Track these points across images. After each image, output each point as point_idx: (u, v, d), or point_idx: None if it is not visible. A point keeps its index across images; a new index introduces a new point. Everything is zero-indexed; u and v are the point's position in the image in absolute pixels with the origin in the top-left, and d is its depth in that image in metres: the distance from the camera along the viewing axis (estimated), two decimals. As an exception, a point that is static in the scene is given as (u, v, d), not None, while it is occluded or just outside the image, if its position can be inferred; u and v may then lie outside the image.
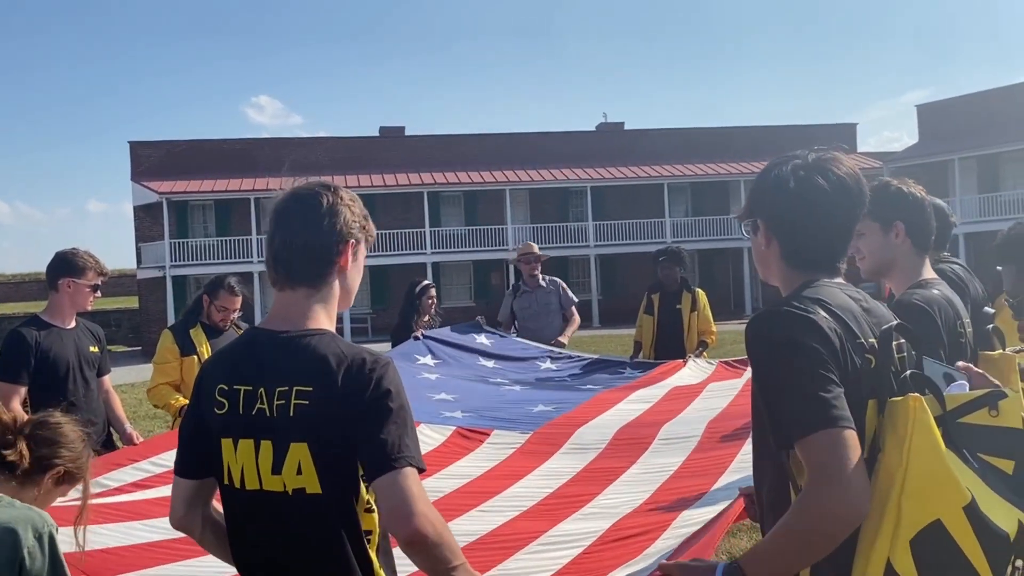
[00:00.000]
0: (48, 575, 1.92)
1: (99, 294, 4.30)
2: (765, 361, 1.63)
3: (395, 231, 31.50)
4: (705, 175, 35.23)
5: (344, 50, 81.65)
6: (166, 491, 2.66)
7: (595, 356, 6.28)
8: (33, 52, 79.08)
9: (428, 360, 4.24)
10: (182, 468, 1.86)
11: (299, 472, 1.69)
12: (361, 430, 1.68)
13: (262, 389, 1.73)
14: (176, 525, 1.89)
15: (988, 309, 2.46)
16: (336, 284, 1.85)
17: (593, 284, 33.74)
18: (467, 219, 34.41)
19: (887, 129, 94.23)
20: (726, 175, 35.22)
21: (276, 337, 1.78)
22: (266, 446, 1.71)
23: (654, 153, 35.83)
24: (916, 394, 1.57)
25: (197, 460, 1.84)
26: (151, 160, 33.39)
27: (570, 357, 4.80)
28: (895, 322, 1.69)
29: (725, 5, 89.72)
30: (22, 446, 2.05)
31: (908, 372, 1.65)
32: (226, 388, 1.75)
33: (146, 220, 32.07)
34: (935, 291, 2.34)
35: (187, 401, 4.67)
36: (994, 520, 1.50)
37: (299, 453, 1.69)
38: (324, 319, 1.82)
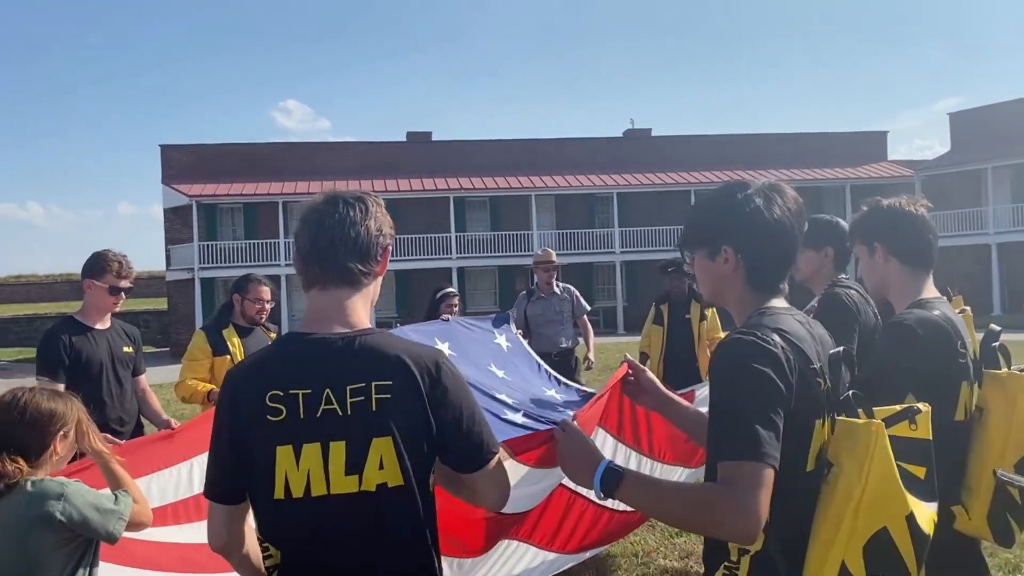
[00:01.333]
0: (86, 515, 2.19)
1: (122, 296, 4.29)
2: (724, 382, 1.72)
3: (421, 236, 31.65)
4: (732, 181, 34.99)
5: (372, 55, 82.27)
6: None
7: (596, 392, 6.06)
8: (66, 60, 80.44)
9: (445, 348, 4.17)
10: (222, 494, 1.78)
11: (381, 467, 1.69)
12: (447, 424, 1.74)
13: (328, 391, 1.69)
14: (220, 550, 1.84)
15: (994, 327, 2.45)
16: (372, 286, 1.86)
17: (618, 291, 33.62)
18: (492, 224, 34.46)
19: (919, 137, 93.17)
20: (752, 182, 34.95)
21: (331, 339, 1.75)
22: (337, 447, 1.68)
23: (681, 159, 35.68)
24: (878, 421, 1.70)
25: (237, 482, 1.75)
26: (181, 164, 33.81)
27: (573, 387, 4.59)
28: (841, 348, 1.83)
29: (754, 11, 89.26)
30: (7, 465, 2.17)
31: (851, 392, 1.76)
32: (281, 394, 1.69)
33: (176, 223, 32.48)
34: (935, 312, 2.36)
35: (213, 387, 4.74)
36: (922, 525, 1.71)
37: (381, 448, 1.69)
38: (368, 319, 1.83)
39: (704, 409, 1.98)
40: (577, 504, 3.26)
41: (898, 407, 1.83)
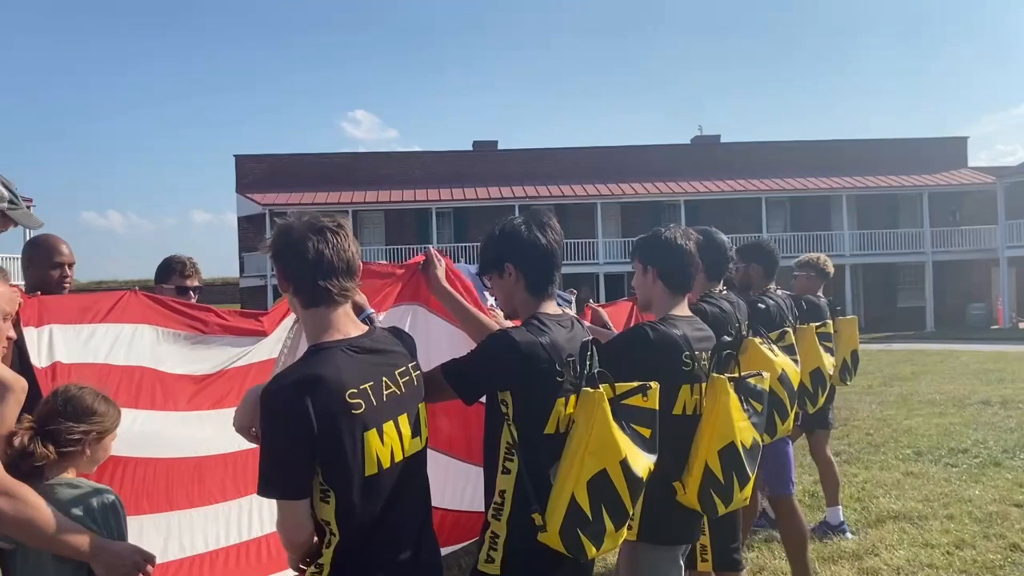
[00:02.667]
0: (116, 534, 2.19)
1: (191, 296, 4.13)
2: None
3: (487, 244, 31.79)
4: (805, 189, 34.22)
5: (438, 66, 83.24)
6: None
7: None
8: (144, 74, 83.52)
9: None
10: (299, 491, 1.96)
11: (426, 425, 2.22)
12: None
13: (384, 378, 2.06)
14: (305, 542, 2.04)
15: (725, 337, 3.01)
16: None
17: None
18: (558, 232, 34.40)
19: (1000, 142, 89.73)
20: (827, 190, 34.12)
21: (362, 339, 2.09)
22: (403, 419, 2.10)
23: (751, 167, 35.07)
24: (599, 391, 2.31)
25: (307, 478, 1.96)
26: (255, 173, 34.74)
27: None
28: (587, 340, 2.47)
29: (826, 15, 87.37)
30: (38, 448, 2.18)
31: (596, 370, 2.39)
32: (355, 391, 1.97)
33: (249, 231, 33.35)
34: (674, 329, 2.85)
35: None
36: (635, 469, 2.33)
37: (423, 411, 2.21)
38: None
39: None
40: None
41: (635, 383, 2.44)
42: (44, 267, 3.27)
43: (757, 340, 3.45)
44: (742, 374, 2.91)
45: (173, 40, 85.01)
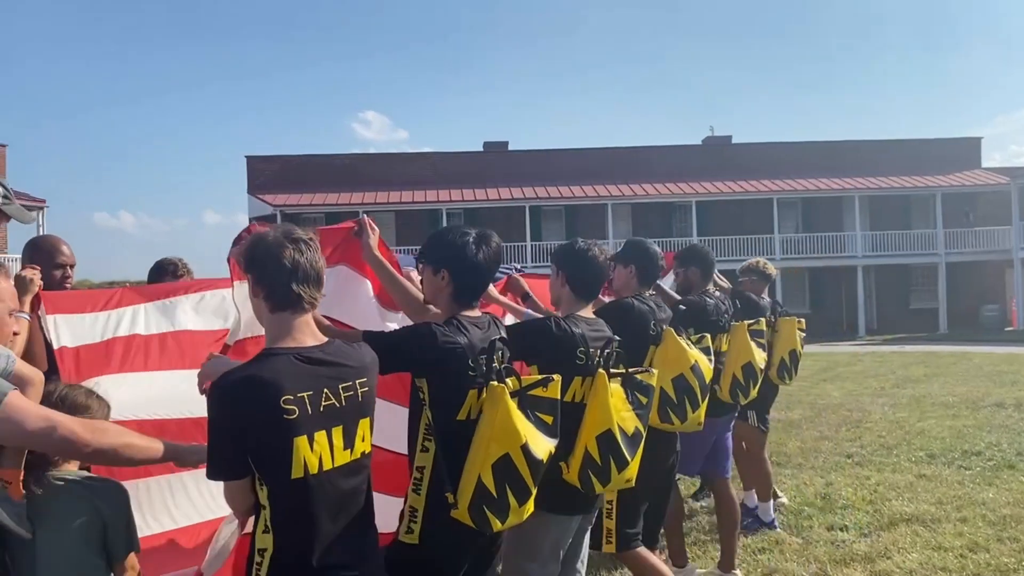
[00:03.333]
0: (124, 531, 2.38)
1: None
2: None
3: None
4: (817, 190, 34.08)
5: (448, 66, 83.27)
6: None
7: None
8: (154, 74, 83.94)
9: None
10: (235, 475, 2.13)
11: (363, 439, 2.26)
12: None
13: (326, 389, 2.14)
14: (246, 512, 2.23)
15: (614, 339, 3.40)
16: None
17: (696, 301, 33.09)
18: (568, 233, 34.31)
19: (1014, 143, 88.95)
20: (839, 190, 33.97)
21: (313, 350, 2.18)
22: (337, 431, 2.16)
23: (763, 168, 34.94)
24: (500, 385, 2.56)
25: (242, 464, 2.10)
26: (266, 174, 34.87)
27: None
28: (494, 339, 2.68)
29: (837, 15, 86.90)
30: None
31: (504, 367, 2.66)
32: (291, 398, 2.06)
33: (261, 232, 33.48)
34: (575, 327, 3.17)
35: None
36: (536, 452, 2.59)
37: (363, 427, 2.27)
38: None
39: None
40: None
41: (539, 376, 2.74)
42: (46, 267, 3.34)
43: (675, 334, 3.82)
44: (630, 370, 3.22)
45: (184, 42, 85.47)
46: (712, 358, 4.07)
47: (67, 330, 3.02)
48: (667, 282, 5.27)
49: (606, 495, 3.61)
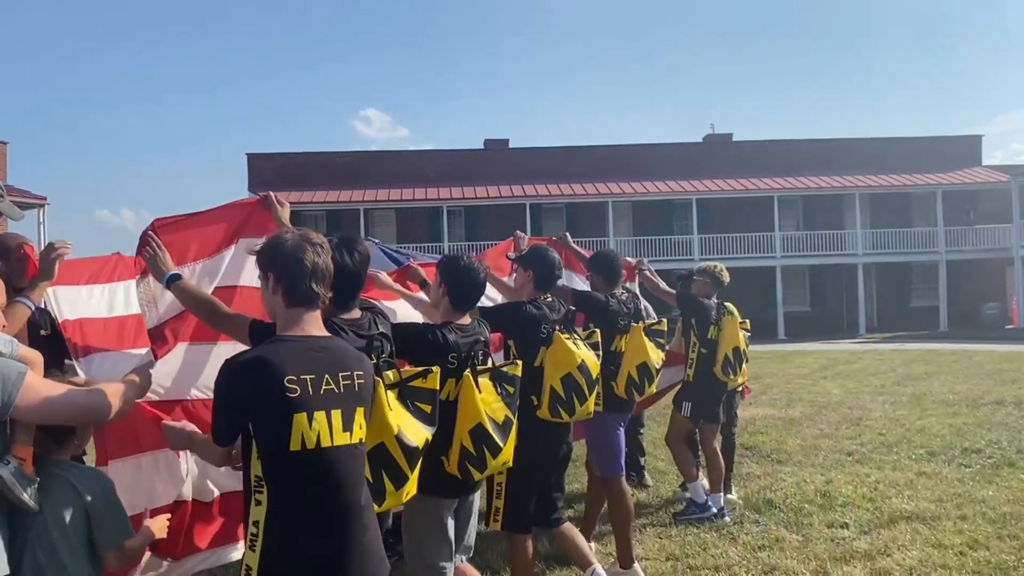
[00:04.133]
0: (109, 517, 2.50)
1: None
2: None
3: (497, 242, 31.67)
4: (818, 188, 34.05)
5: (448, 64, 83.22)
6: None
7: None
8: (154, 70, 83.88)
9: None
10: (223, 441, 2.41)
11: (361, 427, 2.45)
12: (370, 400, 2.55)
13: (326, 375, 2.36)
14: (218, 463, 2.61)
15: (541, 332, 4.10)
16: None
17: (697, 299, 33.04)
18: (568, 231, 34.24)
19: (1015, 141, 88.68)
20: (840, 188, 33.94)
21: (319, 340, 2.45)
22: (336, 413, 2.36)
23: (763, 165, 34.92)
24: (381, 380, 2.72)
25: (233, 434, 2.39)
26: (267, 172, 34.85)
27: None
28: (376, 333, 3.01)
29: (838, 12, 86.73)
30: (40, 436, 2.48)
31: (383, 360, 2.96)
32: (294, 378, 2.29)
33: (262, 229, 33.46)
34: (449, 335, 3.46)
35: None
36: (410, 440, 2.80)
37: (359, 414, 2.45)
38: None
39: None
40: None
41: (419, 368, 2.98)
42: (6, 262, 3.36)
43: (564, 335, 4.14)
44: (495, 365, 3.55)
45: (184, 39, 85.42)
46: (600, 354, 4.41)
47: (66, 302, 3.13)
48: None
49: (496, 477, 4.02)
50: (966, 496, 6.63)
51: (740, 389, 7.12)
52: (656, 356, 5.05)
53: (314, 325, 2.47)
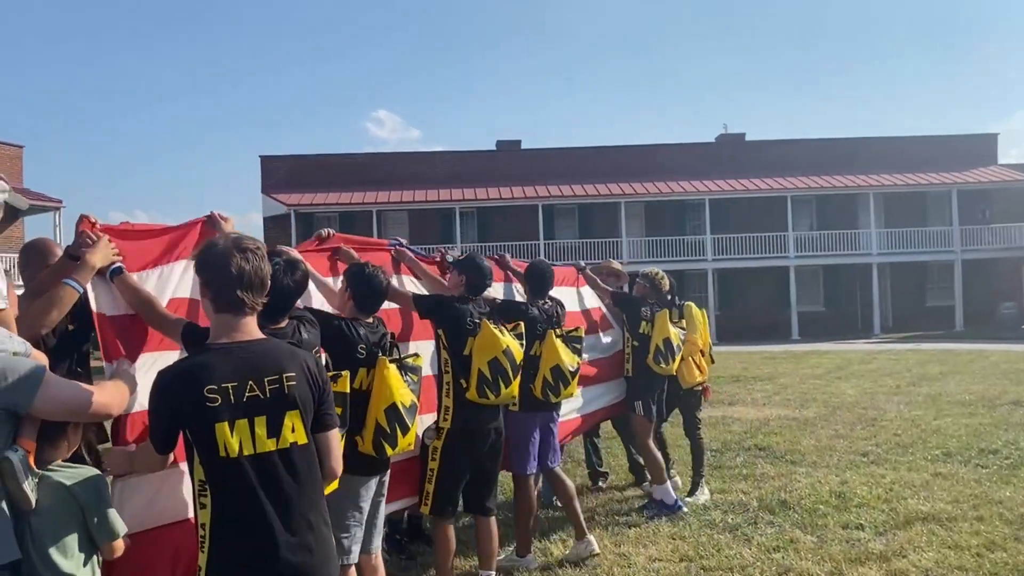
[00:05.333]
0: (103, 518, 2.55)
1: None
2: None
3: (509, 243, 31.74)
4: (832, 188, 33.87)
5: (461, 64, 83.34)
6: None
7: None
8: (170, 76, 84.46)
9: None
10: (160, 448, 2.51)
11: (293, 431, 2.44)
12: (321, 402, 2.56)
13: (251, 381, 2.39)
14: (151, 470, 2.83)
15: (467, 325, 4.55)
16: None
17: (711, 299, 32.95)
18: (581, 232, 34.34)
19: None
20: (854, 188, 33.75)
21: (250, 344, 2.46)
22: (260, 420, 2.39)
23: (777, 165, 34.78)
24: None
25: (169, 441, 2.48)
26: (280, 173, 35.00)
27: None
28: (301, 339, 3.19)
29: (852, 10, 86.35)
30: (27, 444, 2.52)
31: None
32: (215, 387, 2.34)
33: (275, 230, 33.56)
34: (356, 329, 3.81)
35: None
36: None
37: (292, 418, 2.45)
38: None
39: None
40: None
41: (330, 373, 2.99)
42: (39, 269, 3.36)
43: (490, 323, 4.53)
44: (401, 356, 3.90)
45: (197, 40, 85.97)
46: (523, 343, 4.81)
47: (105, 296, 3.14)
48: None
49: (429, 463, 4.49)
50: (983, 497, 6.58)
51: (700, 390, 7.23)
52: (570, 359, 5.30)
53: (243, 330, 2.47)
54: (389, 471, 4.05)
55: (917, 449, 8.60)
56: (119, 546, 2.61)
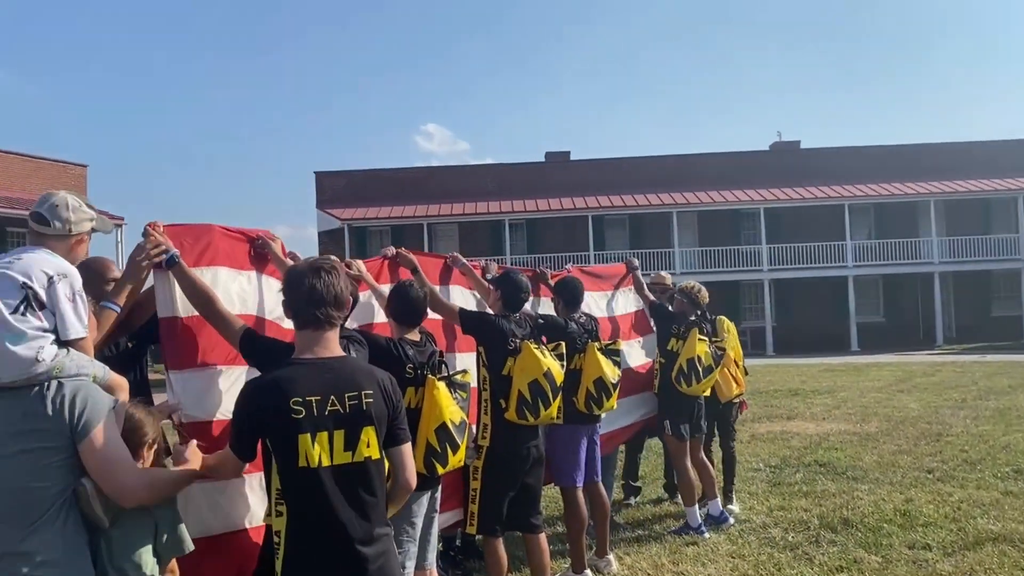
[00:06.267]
0: (173, 534, 2.58)
1: None
2: None
3: (559, 254, 31.69)
4: (891, 195, 33.07)
5: (508, 76, 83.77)
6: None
7: None
8: (230, 97, 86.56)
9: None
10: (240, 453, 2.61)
11: (368, 446, 2.57)
12: (394, 419, 2.69)
13: (332, 396, 2.52)
14: (223, 478, 2.90)
15: (509, 344, 4.60)
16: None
17: (767, 310, 32.40)
18: (632, 242, 34.05)
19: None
20: (914, 195, 32.89)
21: (331, 361, 2.61)
22: (339, 433, 2.51)
23: (833, 173, 34.10)
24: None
25: (249, 448, 2.60)
26: (334, 189, 35.56)
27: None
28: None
29: (908, 13, 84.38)
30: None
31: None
32: (300, 399, 2.47)
33: (330, 244, 34.04)
34: (404, 349, 3.84)
35: None
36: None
37: (368, 433, 2.57)
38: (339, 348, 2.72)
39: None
40: None
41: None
42: (98, 288, 3.44)
43: (532, 345, 4.55)
44: (449, 373, 3.93)
45: (254, 63, 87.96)
46: (565, 364, 4.82)
47: (181, 299, 3.17)
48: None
49: (472, 483, 4.53)
50: (1058, 517, 6.30)
51: (738, 403, 7.16)
52: (612, 372, 5.34)
53: (325, 346, 2.63)
54: (440, 486, 4.05)
55: (986, 466, 8.29)
56: (174, 566, 2.66)
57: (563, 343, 4.96)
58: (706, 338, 6.48)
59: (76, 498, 2.32)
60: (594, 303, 6.41)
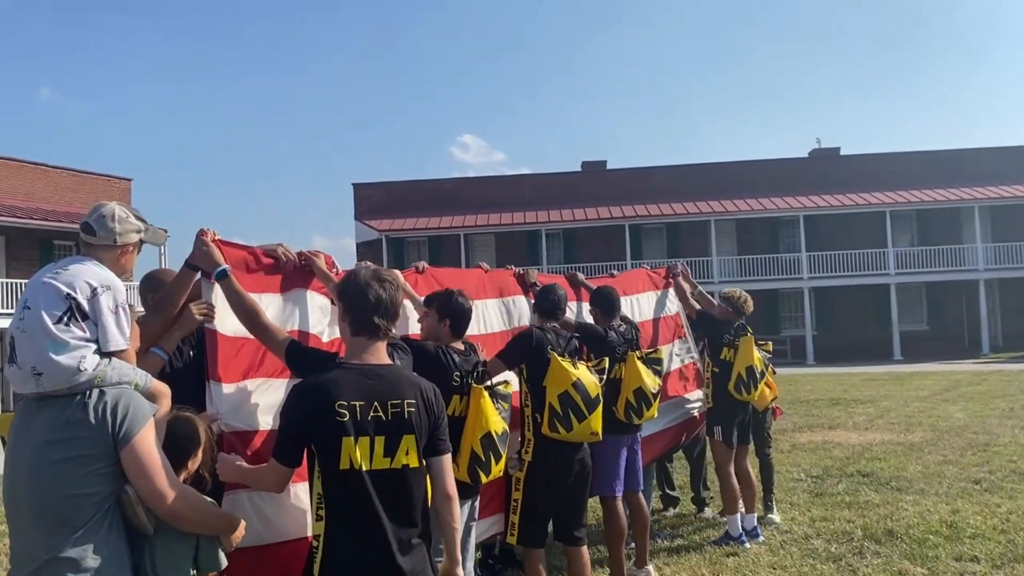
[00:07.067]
0: (210, 548, 2.60)
1: None
2: None
3: (596, 264, 31.62)
4: (933, 202, 32.47)
5: (543, 86, 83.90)
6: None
7: None
8: (271, 116, 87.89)
9: None
10: (286, 459, 2.61)
11: (407, 454, 2.61)
12: (435, 428, 2.72)
13: (376, 402, 2.57)
14: (266, 489, 2.87)
15: (546, 355, 4.45)
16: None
17: (807, 319, 31.98)
18: (669, 251, 33.85)
19: None
20: (958, 201, 32.26)
21: (377, 368, 2.66)
22: (380, 439, 2.56)
23: (874, 179, 33.59)
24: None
25: (296, 454, 2.62)
26: (372, 200, 35.92)
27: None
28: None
29: (951, 17, 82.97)
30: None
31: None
32: (345, 403, 2.53)
33: (367, 255, 34.38)
34: (449, 357, 3.86)
35: None
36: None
37: (407, 441, 2.62)
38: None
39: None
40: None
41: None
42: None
43: (559, 356, 4.48)
44: (492, 383, 3.94)
45: (295, 79, 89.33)
46: (604, 378, 4.73)
47: (220, 319, 3.22)
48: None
49: (513, 494, 4.49)
50: (1112, 529, 6.12)
51: (771, 409, 7.16)
52: (652, 381, 5.31)
53: (374, 353, 2.69)
54: (479, 496, 4.06)
55: (1035, 476, 8.09)
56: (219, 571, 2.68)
57: (606, 360, 4.93)
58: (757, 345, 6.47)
59: (120, 504, 2.35)
60: (636, 306, 6.38)
